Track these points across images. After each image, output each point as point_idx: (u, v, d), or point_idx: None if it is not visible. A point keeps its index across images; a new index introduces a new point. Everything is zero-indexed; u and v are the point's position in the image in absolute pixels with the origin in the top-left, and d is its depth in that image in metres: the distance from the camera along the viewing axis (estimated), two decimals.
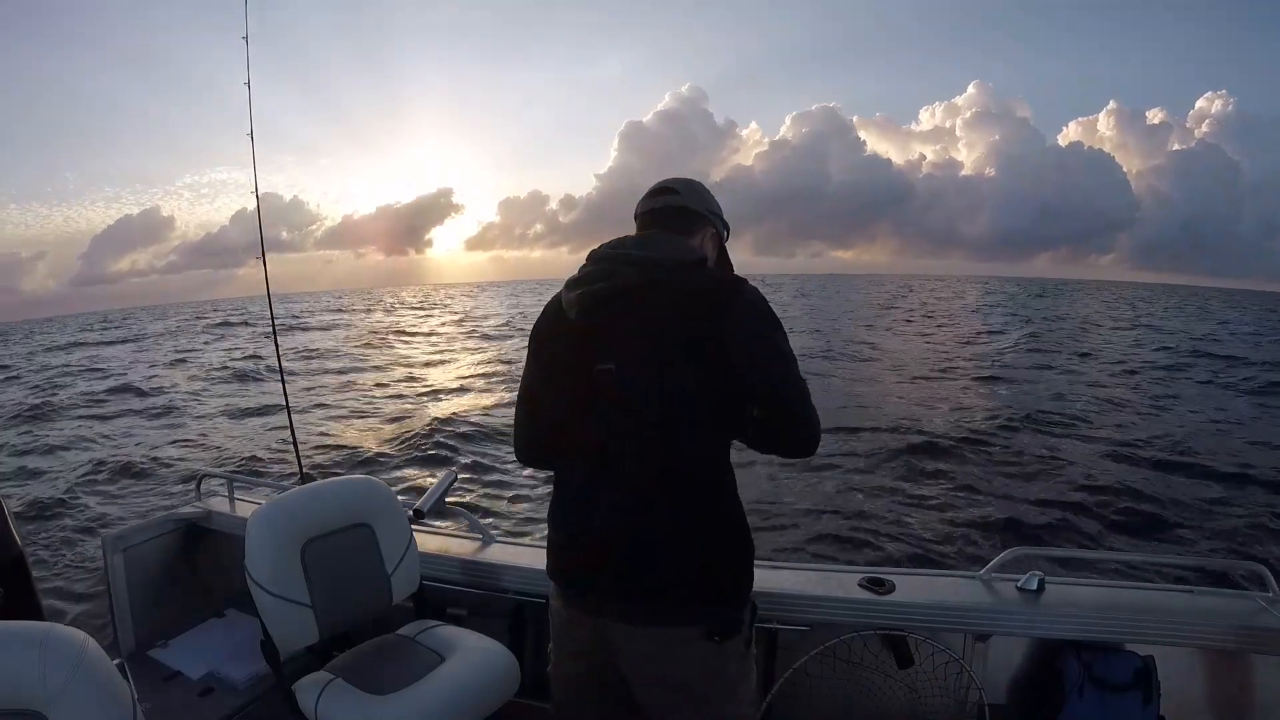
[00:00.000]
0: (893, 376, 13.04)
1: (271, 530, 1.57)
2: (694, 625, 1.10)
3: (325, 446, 8.36)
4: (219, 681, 1.90)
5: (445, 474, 2.14)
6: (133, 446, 9.00)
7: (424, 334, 26.03)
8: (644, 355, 1.09)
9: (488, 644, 1.65)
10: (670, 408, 1.08)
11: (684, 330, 1.08)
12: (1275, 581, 1.58)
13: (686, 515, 1.09)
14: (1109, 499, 5.81)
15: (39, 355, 23.73)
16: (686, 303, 1.09)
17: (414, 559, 1.79)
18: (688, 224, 1.23)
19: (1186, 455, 7.19)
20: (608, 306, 1.12)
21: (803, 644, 1.68)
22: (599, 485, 1.14)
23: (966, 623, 1.65)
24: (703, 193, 1.26)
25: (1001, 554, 1.73)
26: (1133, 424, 8.77)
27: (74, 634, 0.93)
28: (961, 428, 8.45)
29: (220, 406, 11.53)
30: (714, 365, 1.06)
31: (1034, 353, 16.93)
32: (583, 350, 1.14)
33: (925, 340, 20.48)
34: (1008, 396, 10.80)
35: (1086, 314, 35.16)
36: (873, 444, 7.74)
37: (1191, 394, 11.40)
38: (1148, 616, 1.57)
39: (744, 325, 1.08)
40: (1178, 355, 16.99)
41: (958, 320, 28.19)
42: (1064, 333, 23.11)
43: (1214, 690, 1.68)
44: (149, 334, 31.88)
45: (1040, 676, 1.69)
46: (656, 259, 1.12)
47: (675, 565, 1.09)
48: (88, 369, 18.27)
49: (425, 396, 12.04)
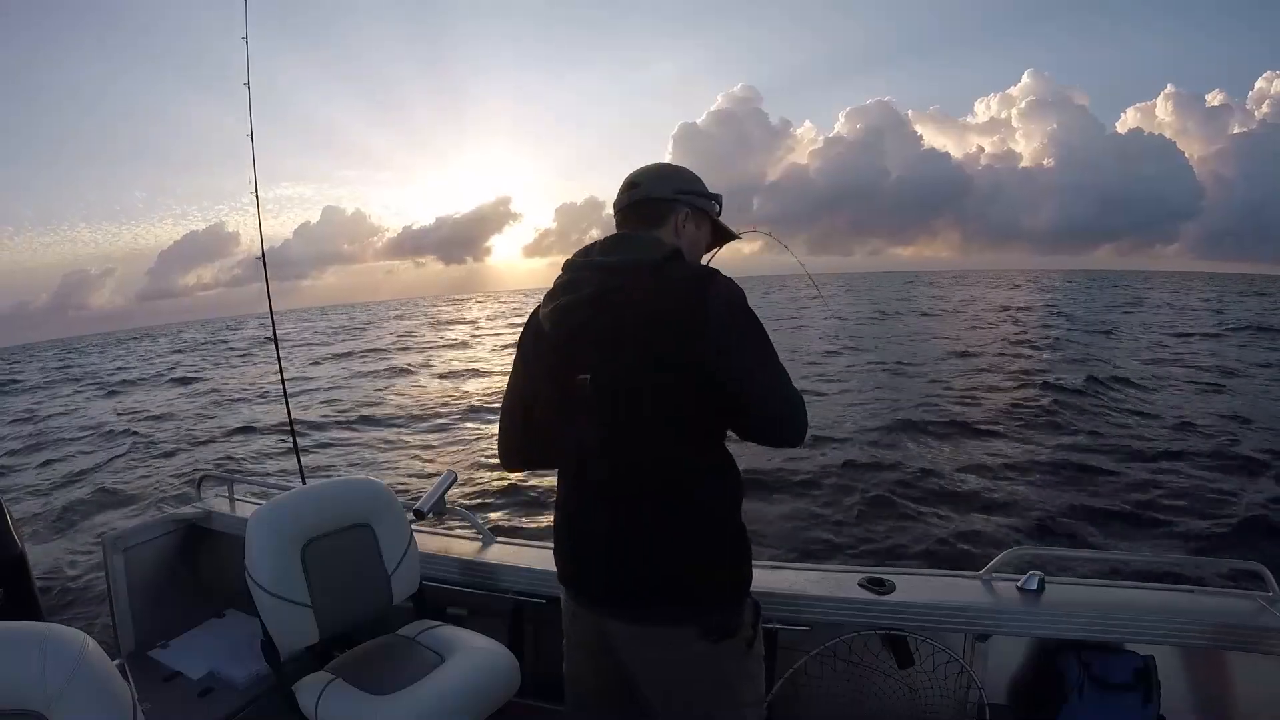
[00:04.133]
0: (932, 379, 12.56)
1: (272, 531, 1.57)
2: (688, 626, 1.10)
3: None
4: (219, 682, 1.90)
5: (445, 474, 2.13)
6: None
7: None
8: (618, 363, 1.09)
9: (488, 644, 1.65)
10: (648, 413, 1.07)
11: (654, 333, 1.06)
12: (1275, 581, 1.58)
13: (673, 518, 1.09)
14: (1109, 499, 5.81)
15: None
16: (655, 303, 1.07)
17: (414, 559, 1.79)
18: (655, 214, 1.19)
19: (1187, 454, 7.20)
20: (578, 318, 1.12)
21: (803, 644, 1.69)
22: (587, 491, 1.16)
23: (966, 623, 1.65)
24: (667, 176, 1.22)
25: (1001, 554, 1.73)
26: (1133, 424, 8.77)
27: (74, 634, 0.93)
28: (960, 428, 8.46)
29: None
30: (687, 365, 1.05)
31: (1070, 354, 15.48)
32: (560, 362, 1.14)
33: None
34: (1010, 396, 10.80)
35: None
36: (873, 443, 7.75)
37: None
38: (1148, 616, 1.57)
39: (712, 320, 1.05)
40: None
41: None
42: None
43: (1214, 690, 1.68)
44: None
45: (1040, 676, 1.69)
46: (620, 264, 1.11)
47: (666, 568, 1.09)
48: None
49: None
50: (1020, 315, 26.53)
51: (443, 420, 10.58)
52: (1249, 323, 22.20)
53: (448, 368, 17.88)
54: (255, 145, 2.50)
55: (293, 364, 19.32)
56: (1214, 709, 1.68)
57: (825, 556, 4.76)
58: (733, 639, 1.12)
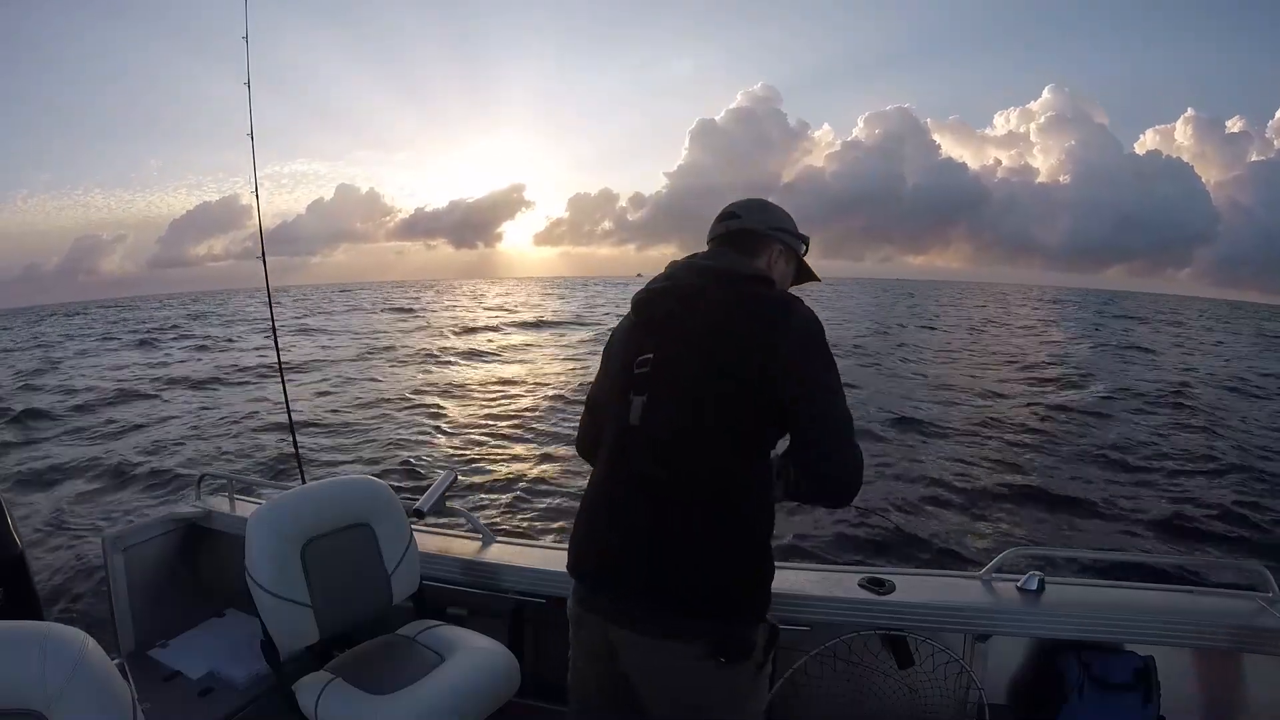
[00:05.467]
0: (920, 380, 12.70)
1: (271, 530, 1.57)
2: (696, 641, 1.07)
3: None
4: (219, 681, 1.90)
5: (445, 474, 2.13)
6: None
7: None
8: (683, 351, 1.11)
9: (488, 644, 1.65)
10: (710, 421, 1.07)
11: (728, 338, 1.08)
12: (1275, 581, 1.58)
13: (700, 524, 1.07)
14: (1109, 499, 5.81)
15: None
16: (736, 311, 1.10)
17: (414, 559, 1.79)
18: (751, 245, 1.24)
19: (1187, 454, 7.20)
20: (663, 306, 1.17)
21: (803, 644, 1.68)
22: (628, 481, 1.14)
23: (966, 623, 1.65)
24: (765, 211, 1.27)
25: (1001, 554, 1.73)
26: (1132, 423, 8.77)
27: (74, 634, 0.93)
28: (962, 427, 8.46)
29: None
30: (750, 379, 1.05)
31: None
32: (631, 341, 1.19)
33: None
34: (1013, 397, 10.80)
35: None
36: (872, 444, 7.75)
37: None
38: (1148, 616, 1.57)
39: (790, 345, 1.06)
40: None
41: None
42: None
43: (1214, 690, 1.68)
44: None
45: (1040, 676, 1.69)
46: (717, 268, 1.17)
47: (682, 575, 1.06)
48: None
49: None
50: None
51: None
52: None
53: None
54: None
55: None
56: (1214, 709, 1.68)
57: (825, 556, 4.75)
58: (741, 663, 1.09)
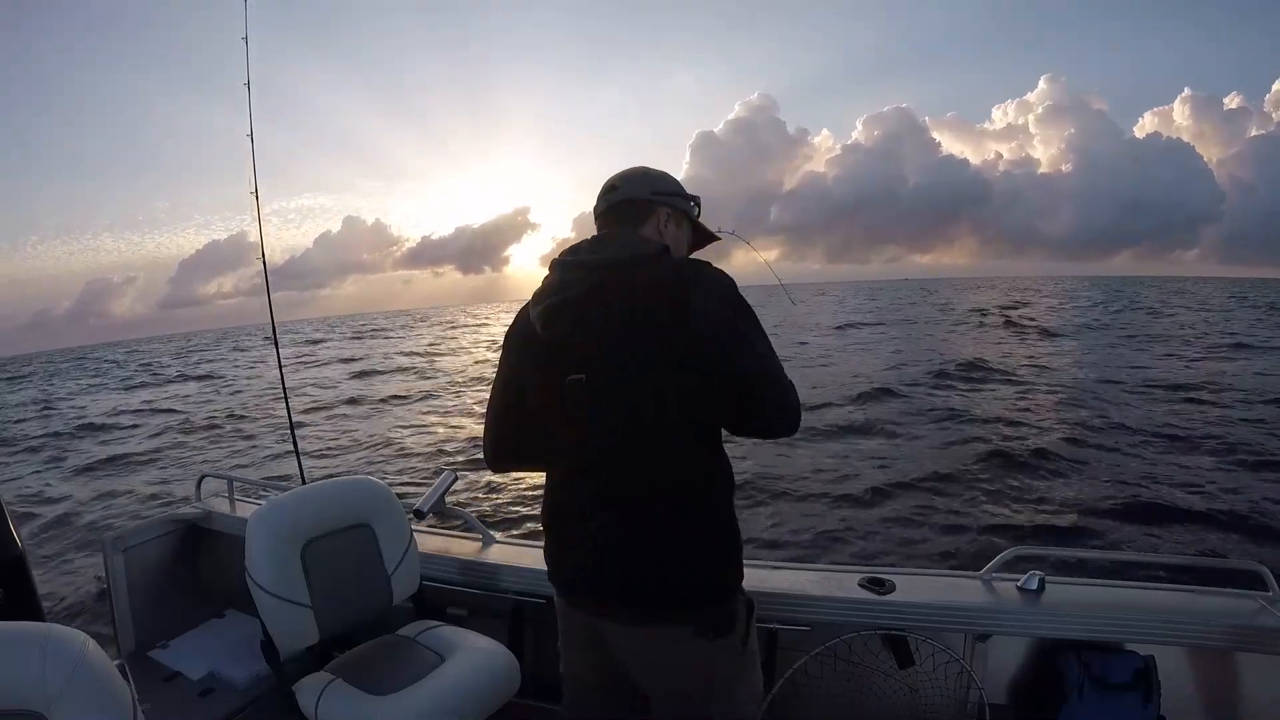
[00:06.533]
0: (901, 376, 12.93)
1: (271, 531, 1.57)
2: (683, 624, 1.10)
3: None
4: (219, 682, 1.90)
5: (445, 474, 2.13)
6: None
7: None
8: (611, 362, 1.08)
9: (488, 644, 1.65)
10: (644, 411, 1.07)
11: (645, 329, 1.06)
12: (1275, 581, 1.58)
13: (685, 520, 1.09)
14: (1109, 499, 5.81)
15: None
16: (644, 299, 1.06)
17: (414, 559, 1.79)
18: (636, 215, 1.20)
19: (1186, 454, 7.19)
20: (569, 317, 1.10)
21: (803, 644, 1.68)
22: (579, 491, 1.15)
23: (967, 623, 1.65)
24: (645, 178, 1.23)
25: (1001, 554, 1.72)
26: (1133, 424, 8.76)
27: (74, 634, 0.93)
28: (961, 427, 8.46)
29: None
30: (680, 361, 1.04)
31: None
32: (552, 363, 1.13)
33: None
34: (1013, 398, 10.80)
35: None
36: (872, 443, 7.75)
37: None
38: (1148, 616, 1.57)
39: (706, 311, 1.03)
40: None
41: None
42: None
43: (1214, 690, 1.68)
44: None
45: (1040, 676, 1.69)
46: (609, 260, 1.11)
47: (657, 567, 1.09)
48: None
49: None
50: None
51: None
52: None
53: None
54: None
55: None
56: (1214, 709, 1.68)
57: (825, 556, 4.76)
58: (728, 636, 1.12)
